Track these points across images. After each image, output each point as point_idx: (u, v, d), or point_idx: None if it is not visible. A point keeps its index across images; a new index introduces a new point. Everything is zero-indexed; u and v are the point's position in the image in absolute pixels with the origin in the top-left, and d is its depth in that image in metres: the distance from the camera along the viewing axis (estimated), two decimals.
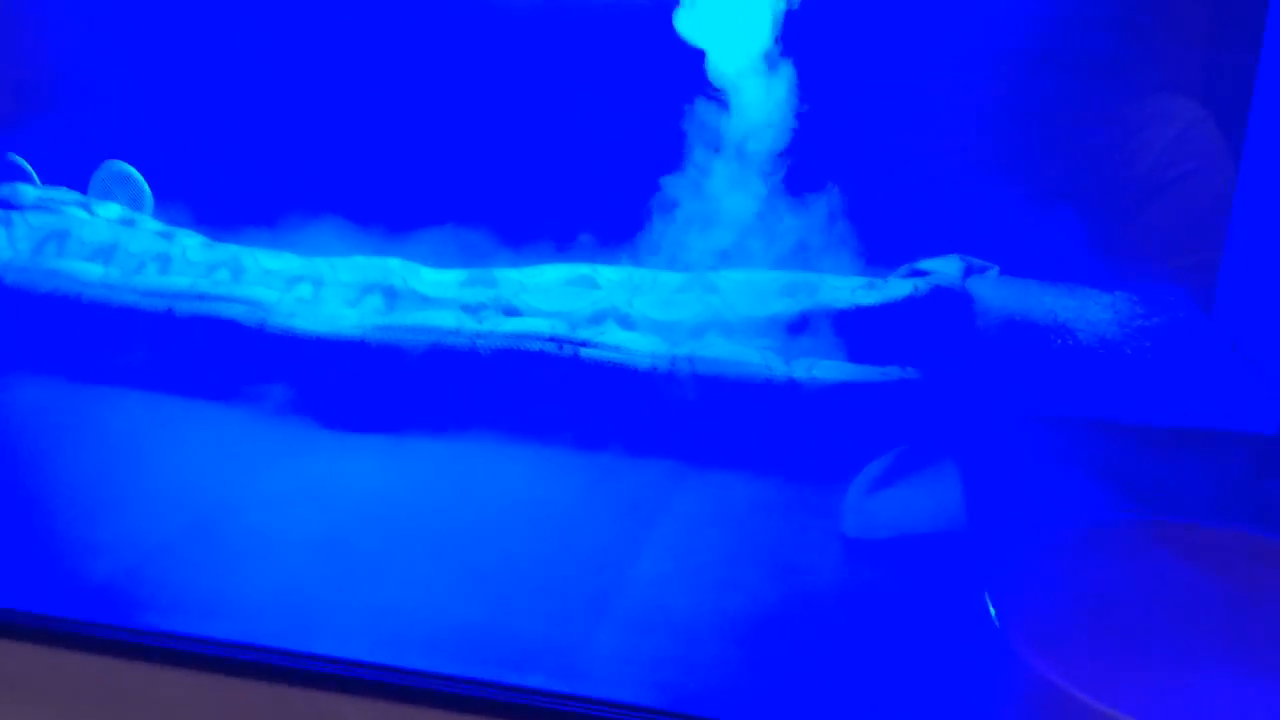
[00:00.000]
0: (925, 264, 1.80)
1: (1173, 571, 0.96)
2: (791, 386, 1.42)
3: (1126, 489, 1.20)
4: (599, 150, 1.91)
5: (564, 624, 1.06)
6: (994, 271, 1.81)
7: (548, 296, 1.67)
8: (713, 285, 1.74)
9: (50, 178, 2.13)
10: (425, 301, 1.65)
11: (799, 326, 1.56)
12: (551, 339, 1.49)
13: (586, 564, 1.16)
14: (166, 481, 1.31)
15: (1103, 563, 0.96)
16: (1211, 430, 1.20)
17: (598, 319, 1.62)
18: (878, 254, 1.87)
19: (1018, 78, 1.77)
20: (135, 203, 2.09)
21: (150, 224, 1.98)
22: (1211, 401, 1.24)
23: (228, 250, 1.84)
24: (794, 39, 1.75)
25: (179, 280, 1.68)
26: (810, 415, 1.42)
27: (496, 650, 1.01)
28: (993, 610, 0.88)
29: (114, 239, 1.86)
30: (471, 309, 1.64)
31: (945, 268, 1.77)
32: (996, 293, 1.67)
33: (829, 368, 1.45)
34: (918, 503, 1.25)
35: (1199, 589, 0.95)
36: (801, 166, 1.83)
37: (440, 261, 1.93)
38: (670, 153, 1.83)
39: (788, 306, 1.59)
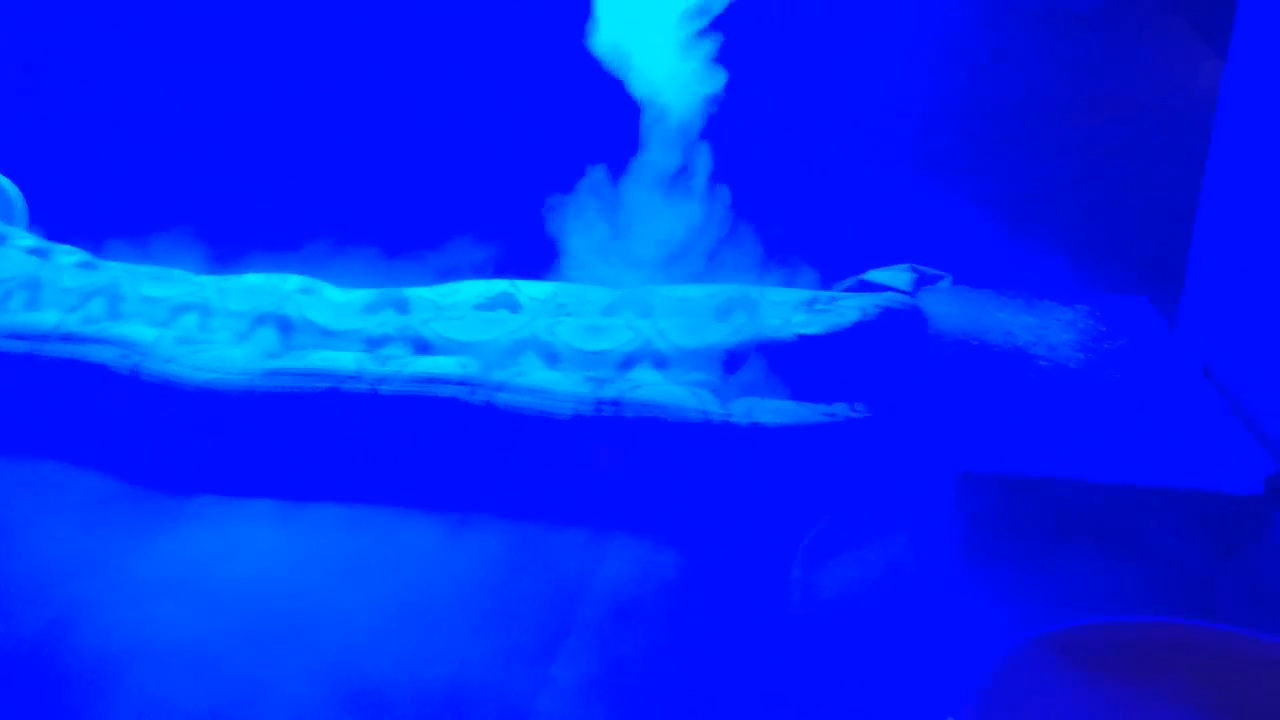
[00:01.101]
0: (874, 275, 1.66)
1: (1151, 685, 0.85)
2: (729, 430, 1.29)
3: (1094, 554, 1.09)
4: (527, 158, 1.75)
5: None
6: (946, 281, 1.68)
7: (463, 324, 1.51)
8: (644, 303, 1.60)
9: None
10: (324, 335, 1.48)
11: (739, 359, 1.42)
12: (463, 382, 1.34)
13: (497, 670, 1.02)
14: (26, 563, 1.15)
15: (1065, 682, 0.85)
16: (1189, 490, 1.09)
17: (516, 351, 1.47)
18: (823, 261, 1.74)
19: (969, 76, 1.63)
20: (6, 215, 1.89)
21: (23, 239, 1.78)
22: (1191, 454, 1.13)
23: (107, 273, 1.65)
24: (732, 43, 1.60)
25: (45, 317, 1.49)
26: (751, 462, 1.28)
27: None
28: None
29: None
30: (376, 342, 1.47)
31: (895, 279, 1.64)
32: (950, 309, 1.54)
33: (771, 409, 1.31)
34: (866, 574, 1.13)
35: (1182, 706, 0.84)
36: (739, 172, 1.69)
37: (352, 274, 1.77)
38: (598, 162, 1.68)
39: (725, 336, 1.44)
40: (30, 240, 1.79)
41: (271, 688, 0.98)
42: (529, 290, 1.64)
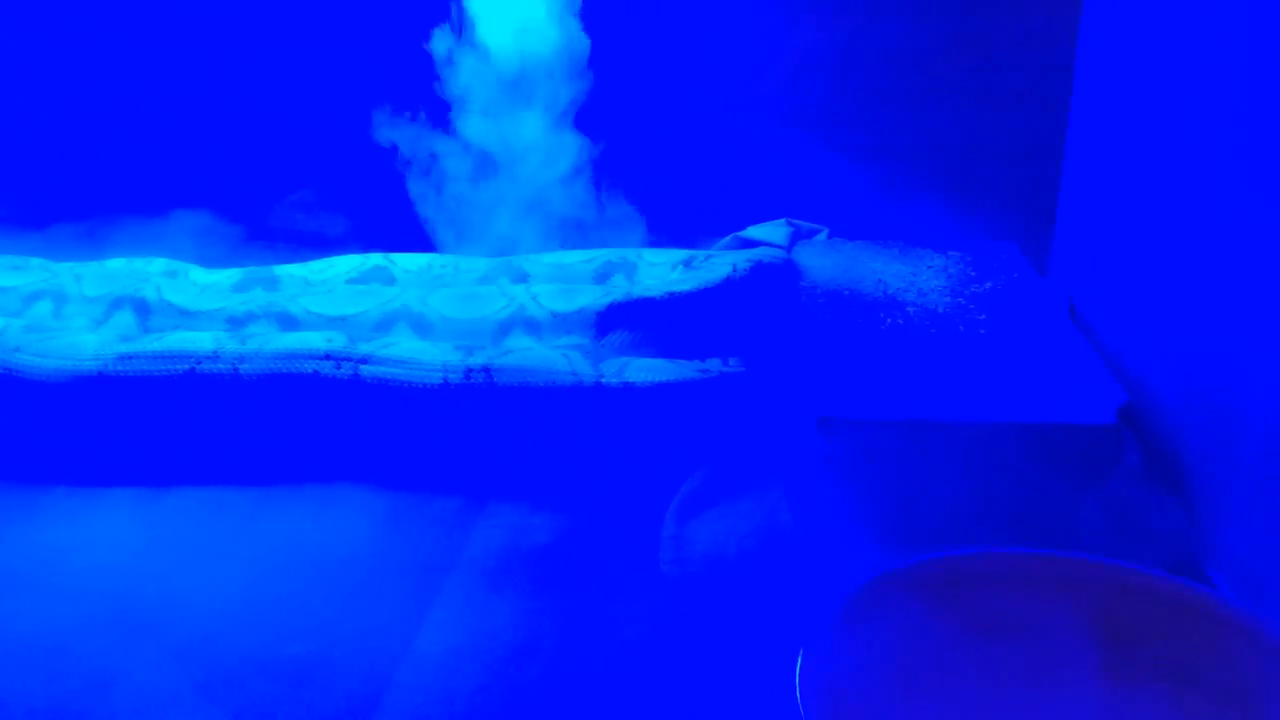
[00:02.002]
0: (751, 231, 1.66)
1: (1008, 614, 0.86)
2: (600, 391, 1.27)
3: (959, 493, 1.10)
4: (392, 128, 1.70)
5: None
6: (823, 235, 1.68)
7: (332, 299, 1.48)
8: (521, 270, 1.57)
9: None
10: (184, 316, 1.44)
11: (611, 320, 1.40)
12: (327, 356, 1.31)
13: (359, 645, 0.99)
14: None
15: (927, 609, 0.85)
16: (1049, 424, 1.10)
17: (387, 323, 1.44)
18: (703, 223, 1.73)
19: (836, 28, 1.62)
20: None
21: None
22: (1048, 389, 1.14)
23: None
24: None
25: None
26: (623, 423, 1.27)
27: None
28: (799, 691, 0.76)
29: None
30: (239, 321, 1.43)
31: (772, 234, 1.63)
32: (824, 261, 1.55)
33: (642, 368, 1.30)
34: (739, 528, 1.12)
35: (1037, 634, 0.85)
36: (615, 131, 1.67)
37: (223, 257, 1.72)
38: (464, 125, 1.64)
39: (597, 297, 1.43)
40: None
41: (122, 678, 0.95)
42: (404, 263, 1.60)
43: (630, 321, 1.39)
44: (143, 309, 1.45)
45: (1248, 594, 0.99)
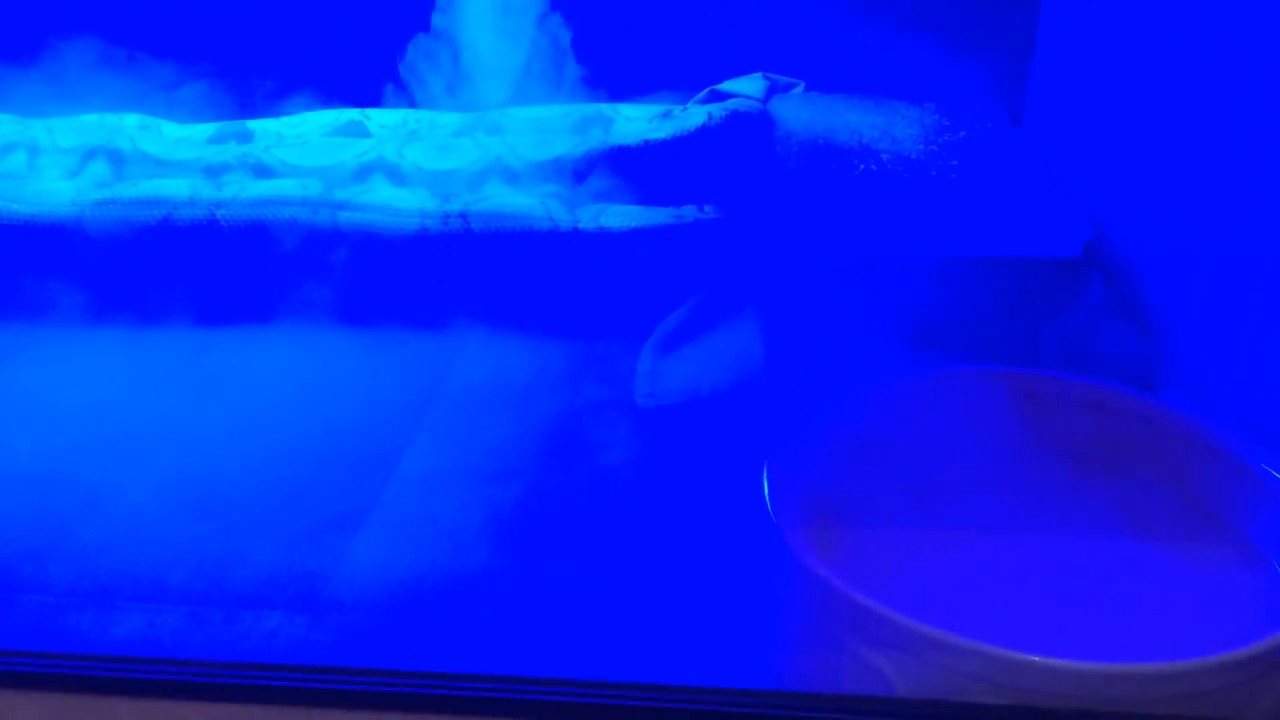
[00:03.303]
0: (727, 85, 1.65)
1: (974, 425, 0.89)
2: (577, 237, 1.29)
3: (930, 327, 1.13)
4: None
5: (315, 542, 0.93)
6: (799, 89, 1.68)
7: (307, 150, 1.47)
8: (496, 125, 1.57)
9: None
10: (159, 165, 1.43)
11: (587, 168, 1.41)
12: (304, 202, 1.31)
13: (344, 466, 1.03)
14: None
15: (895, 421, 0.89)
16: (1016, 258, 1.12)
17: (364, 174, 1.44)
18: (679, 76, 1.72)
19: None
20: None
21: None
22: (1017, 226, 1.16)
23: None
24: None
25: None
26: (600, 267, 1.29)
27: (235, 582, 0.89)
28: (766, 491, 0.79)
29: None
30: (214, 171, 1.43)
31: (748, 88, 1.63)
32: (800, 113, 1.55)
33: (618, 214, 1.31)
34: (714, 362, 1.15)
35: (1003, 443, 0.88)
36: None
37: (195, 113, 1.70)
38: None
39: (573, 146, 1.43)
40: None
41: (116, 497, 0.98)
42: (379, 118, 1.60)
43: (606, 169, 1.40)
44: (117, 159, 1.44)
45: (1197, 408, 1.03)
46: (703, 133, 1.41)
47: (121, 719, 0.64)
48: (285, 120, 1.60)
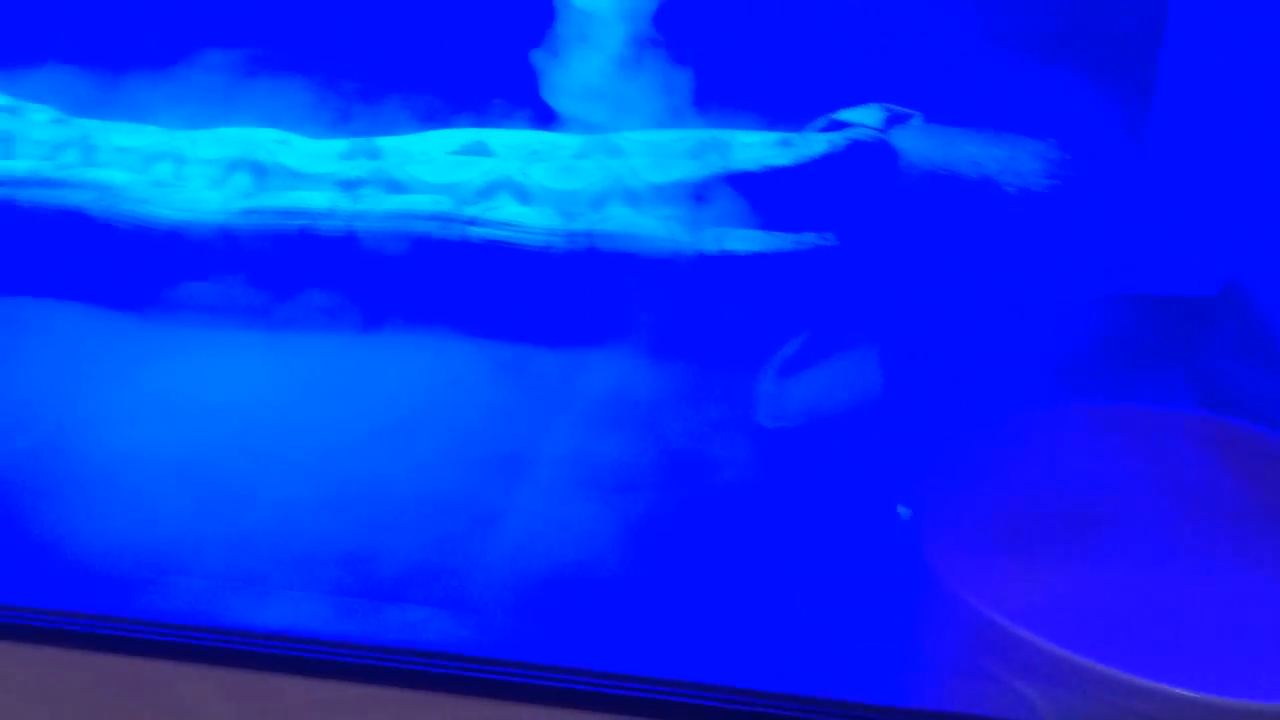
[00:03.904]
0: (845, 114, 1.67)
1: (1108, 462, 0.89)
2: (700, 260, 1.31)
3: (1060, 365, 1.13)
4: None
5: (450, 543, 0.97)
6: (917, 120, 1.69)
7: (435, 168, 1.52)
8: (616, 147, 1.60)
9: None
10: (297, 178, 1.49)
11: (707, 192, 1.43)
12: (436, 217, 1.36)
13: (477, 471, 1.06)
14: (14, 390, 1.18)
15: (1030, 455, 0.89)
16: (1149, 296, 1.12)
17: (489, 192, 1.48)
18: (792, 105, 1.74)
19: None
20: None
21: None
22: (1151, 263, 1.15)
23: (78, 127, 1.64)
24: None
25: (19, 165, 1.50)
26: (721, 291, 1.31)
27: (375, 577, 0.92)
28: (905, 513, 0.80)
29: None
30: (349, 185, 1.48)
31: (866, 117, 1.64)
32: (920, 144, 1.56)
33: (740, 238, 1.34)
34: (834, 386, 1.16)
35: (1140, 480, 0.88)
36: (703, 9, 1.67)
37: (320, 130, 1.77)
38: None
39: (695, 170, 1.46)
40: (2, 99, 1.78)
41: (259, 491, 1.02)
42: (501, 138, 1.64)
43: (727, 194, 1.42)
44: (259, 170, 1.51)
45: None
46: (825, 161, 1.43)
47: (290, 695, 0.67)
48: (411, 138, 1.66)
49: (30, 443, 1.10)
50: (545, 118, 1.74)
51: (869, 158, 1.47)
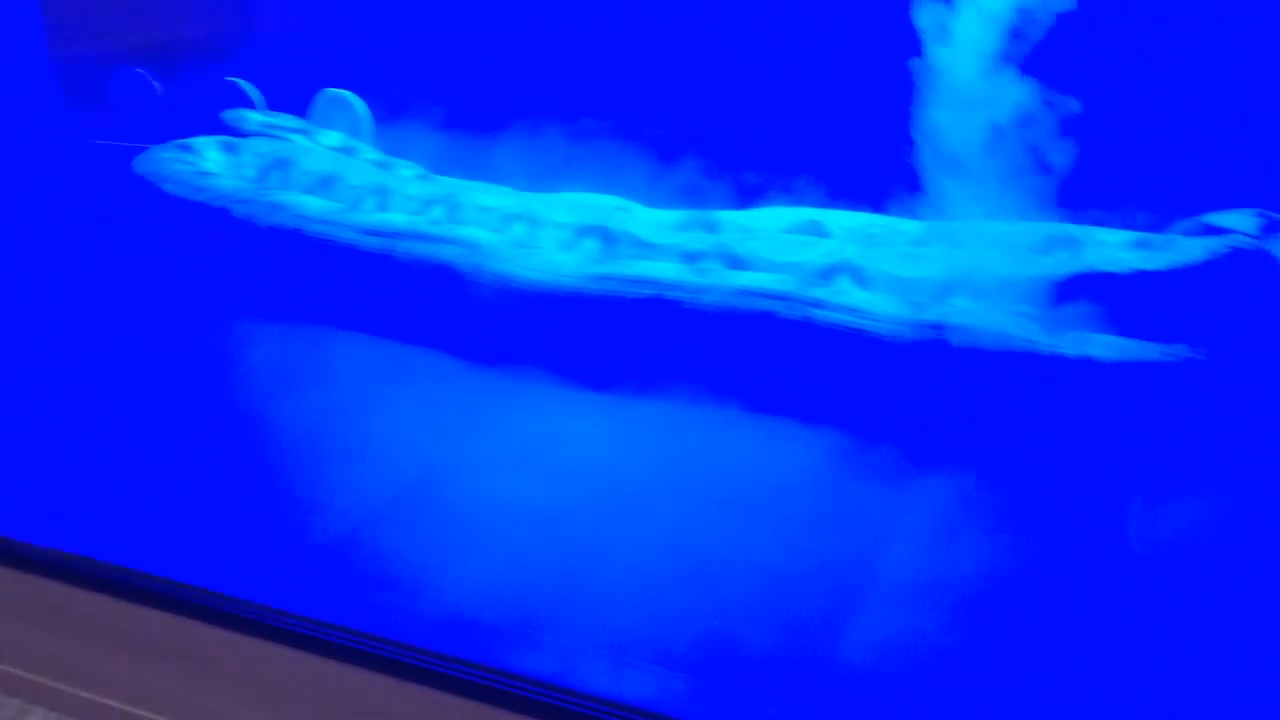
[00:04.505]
0: (1216, 218, 1.56)
1: None
2: (1057, 362, 1.25)
3: None
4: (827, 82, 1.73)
5: (811, 626, 0.95)
6: None
7: (773, 245, 1.54)
8: (956, 237, 1.56)
9: (272, 103, 2.13)
10: (644, 248, 1.55)
11: (1063, 292, 1.37)
12: (780, 296, 1.36)
13: (822, 564, 1.04)
14: (386, 436, 1.28)
15: None
16: None
17: (829, 274, 1.47)
18: (1147, 201, 1.64)
19: None
20: (354, 129, 2.07)
21: (369, 153, 1.95)
22: None
23: (444, 184, 1.78)
24: None
25: (396, 218, 1.63)
26: (1076, 395, 1.24)
27: (735, 659, 0.92)
28: None
29: (334, 169, 1.84)
30: (692, 257, 1.52)
31: (1241, 223, 1.52)
32: None
33: (1105, 343, 1.26)
34: (1206, 517, 1.07)
35: None
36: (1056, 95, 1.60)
37: (656, 198, 1.83)
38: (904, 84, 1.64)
39: (1049, 267, 1.40)
40: (374, 154, 1.95)
41: (614, 553, 1.05)
42: (837, 219, 1.64)
43: (1087, 295, 1.35)
44: (607, 237, 1.57)
45: None
46: (1201, 268, 1.34)
47: None
48: (747, 213, 1.68)
49: (399, 487, 1.17)
50: (866, 199, 1.72)
51: (1248, 267, 1.36)
